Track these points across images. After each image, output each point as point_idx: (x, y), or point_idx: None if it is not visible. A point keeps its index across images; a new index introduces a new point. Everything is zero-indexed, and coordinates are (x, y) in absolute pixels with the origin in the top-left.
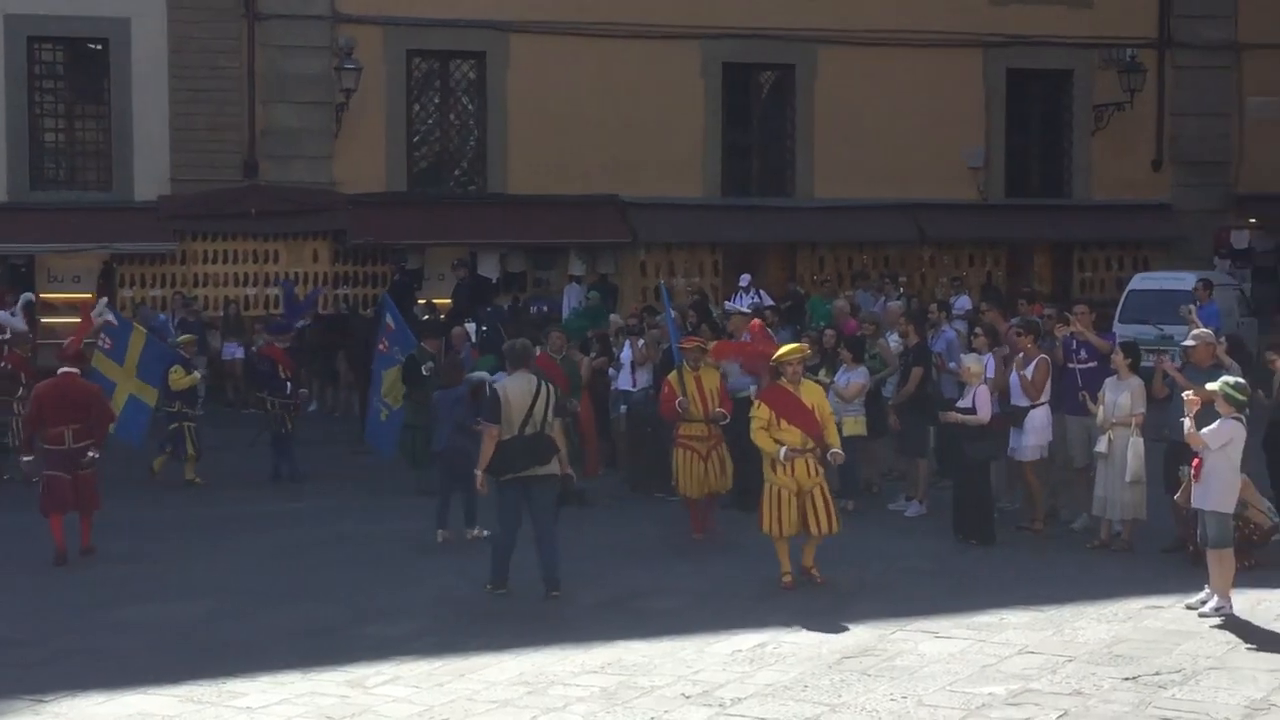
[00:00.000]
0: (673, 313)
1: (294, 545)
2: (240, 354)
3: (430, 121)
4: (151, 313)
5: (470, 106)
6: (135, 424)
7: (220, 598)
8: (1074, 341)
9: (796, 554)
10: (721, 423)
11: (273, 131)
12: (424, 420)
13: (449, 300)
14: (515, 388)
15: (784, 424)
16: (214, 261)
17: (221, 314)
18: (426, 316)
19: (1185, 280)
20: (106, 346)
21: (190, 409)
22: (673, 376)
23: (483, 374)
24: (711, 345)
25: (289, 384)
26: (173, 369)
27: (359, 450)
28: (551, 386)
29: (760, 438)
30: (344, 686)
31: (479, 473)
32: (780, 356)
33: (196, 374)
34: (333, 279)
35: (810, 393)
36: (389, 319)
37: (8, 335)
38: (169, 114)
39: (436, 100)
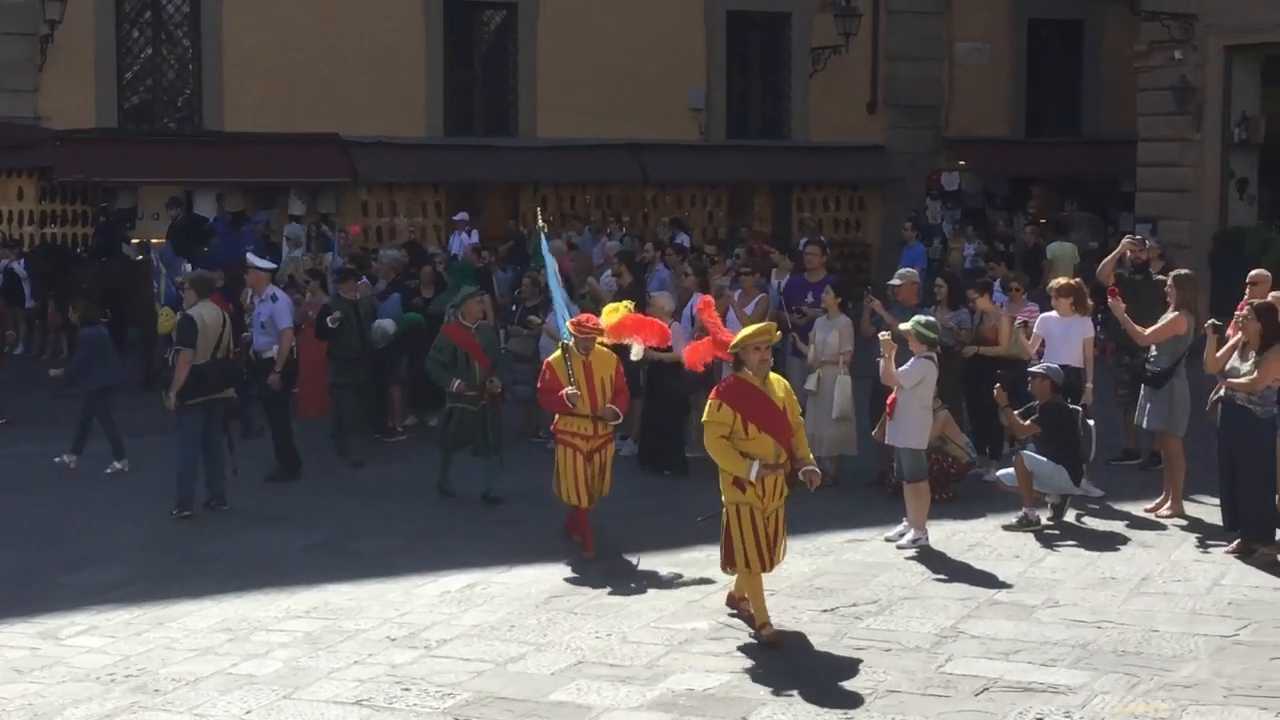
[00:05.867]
0: (556, 273)
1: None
2: None
3: (143, 56)
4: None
5: (185, 41)
6: None
7: None
8: (803, 282)
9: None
10: (613, 422)
11: None
12: (350, 379)
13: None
14: (209, 315)
15: (752, 430)
16: None
17: None
18: (140, 256)
19: None
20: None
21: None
22: (556, 360)
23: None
24: (609, 324)
25: None
26: (162, 310)
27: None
28: (228, 316)
29: (719, 449)
30: (35, 638)
31: (171, 394)
32: (743, 339)
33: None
34: (39, 217)
35: (778, 388)
36: None
37: None
38: None
39: (149, 34)
